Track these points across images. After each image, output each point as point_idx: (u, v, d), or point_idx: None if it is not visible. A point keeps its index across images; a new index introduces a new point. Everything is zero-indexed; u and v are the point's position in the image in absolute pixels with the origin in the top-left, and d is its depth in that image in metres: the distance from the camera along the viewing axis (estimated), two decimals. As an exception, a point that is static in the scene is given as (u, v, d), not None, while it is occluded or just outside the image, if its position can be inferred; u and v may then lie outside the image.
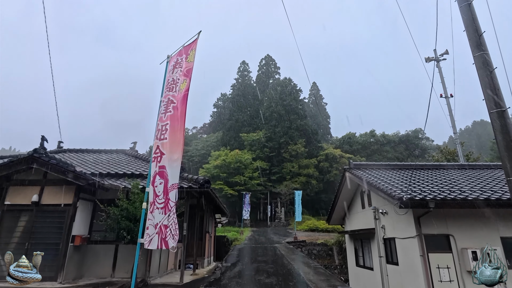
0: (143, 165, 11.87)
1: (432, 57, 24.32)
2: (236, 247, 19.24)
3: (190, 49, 5.46)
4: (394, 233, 9.48)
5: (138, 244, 4.65)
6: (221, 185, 40.88)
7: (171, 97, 5.11)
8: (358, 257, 13.01)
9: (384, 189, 8.60)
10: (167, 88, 5.27)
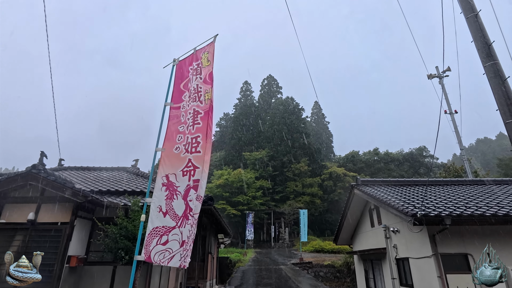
0: (144, 182, 11.55)
1: (435, 74, 24.34)
2: (239, 268, 18.48)
3: (203, 52, 5.20)
4: (407, 252, 8.97)
5: (134, 262, 4.23)
6: (224, 204, 40.18)
7: (196, 108, 4.81)
8: (368, 279, 12.34)
9: (396, 205, 8.19)
10: (191, 99, 4.96)
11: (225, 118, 76.57)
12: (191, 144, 4.58)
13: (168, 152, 4.70)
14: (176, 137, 4.80)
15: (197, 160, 4.39)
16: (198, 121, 4.71)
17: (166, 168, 4.60)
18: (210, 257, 14.11)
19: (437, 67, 24.72)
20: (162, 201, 4.33)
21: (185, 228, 4.03)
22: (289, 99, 61.81)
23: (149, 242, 4.13)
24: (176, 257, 3.93)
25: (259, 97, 70.10)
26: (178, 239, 4.00)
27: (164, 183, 4.46)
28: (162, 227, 4.14)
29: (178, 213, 4.15)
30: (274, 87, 72.63)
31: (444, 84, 24.27)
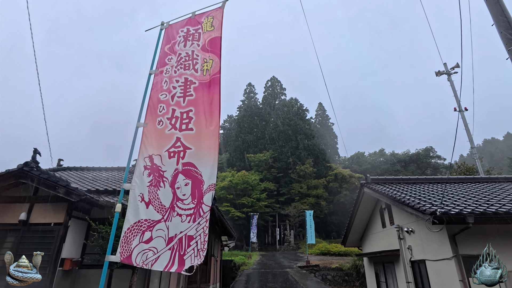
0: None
1: (443, 71, 23.67)
2: (244, 272, 17.87)
3: (205, 16, 4.48)
4: (423, 254, 8.35)
5: (105, 263, 3.50)
6: (228, 207, 39.67)
7: (190, 77, 4.12)
8: (380, 282, 11.70)
9: (411, 203, 7.60)
10: (181, 66, 4.25)
11: (229, 120, 76.33)
12: (181, 120, 3.87)
13: (150, 128, 3.97)
14: (157, 108, 4.07)
15: (189, 139, 3.71)
16: (190, 93, 4.02)
17: (149, 147, 3.85)
18: (213, 260, 13.57)
19: (445, 64, 24.05)
20: (145, 189, 3.63)
21: (171, 222, 3.37)
22: (293, 100, 61.34)
23: (130, 239, 3.44)
24: (162, 259, 3.24)
25: (262, 98, 69.74)
26: (163, 236, 3.32)
27: (147, 166, 3.74)
28: (144, 220, 3.46)
29: (165, 203, 3.47)
30: (278, 88, 72.16)
31: (453, 81, 23.58)
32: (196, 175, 3.56)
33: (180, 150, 3.70)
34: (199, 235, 3.29)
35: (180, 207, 3.45)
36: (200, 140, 3.71)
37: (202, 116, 3.83)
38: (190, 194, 3.49)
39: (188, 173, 3.58)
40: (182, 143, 3.73)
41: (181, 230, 3.31)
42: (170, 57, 4.43)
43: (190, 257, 3.19)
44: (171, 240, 3.30)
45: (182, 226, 3.34)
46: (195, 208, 3.40)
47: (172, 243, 3.29)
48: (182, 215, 3.40)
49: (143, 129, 3.95)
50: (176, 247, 3.26)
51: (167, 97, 4.11)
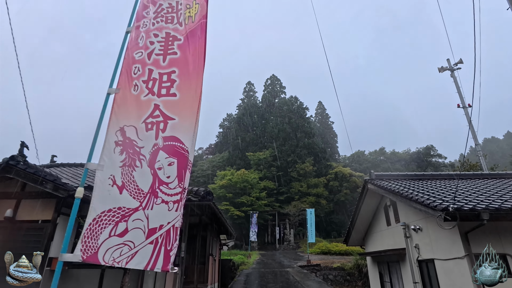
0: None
1: (446, 66, 23.25)
2: (243, 272, 17.44)
3: None
4: (432, 253, 7.92)
5: (58, 264, 2.91)
6: (227, 206, 39.28)
7: (172, 32, 3.48)
8: (384, 283, 11.27)
9: (420, 199, 7.16)
10: (161, 18, 3.59)
11: (228, 119, 75.87)
12: (159, 83, 3.20)
13: (123, 94, 3.22)
14: (131, 70, 3.35)
15: (171, 107, 3.07)
16: (173, 50, 3.37)
17: (121, 118, 3.11)
18: (211, 259, 13.13)
19: (449, 60, 23.59)
20: (117, 170, 2.96)
21: (153, 211, 2.78)
22: (293, 98, 60.89)
23: (96, 232, 2.81)
24: (141, 255, 2.66)
25: (262, 97, 69.30)
26: (142, 227, 2.73)
27: (119, 142, 3.03)
28: (118, 209, 2.84)
29: (143, 187, 2.86)
30: (278, 87, 71.67)
31: (456, 77, 23.13)
32: (181, 152, 2.97)
33: (160, 121, 3.04)
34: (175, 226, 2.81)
35: (165, 193, 2.86)
36: (185, 108, 3.09)
37: (188, 78, 3.21)
38: (176, 176, 2.90)
39: (171, 150, 2.96)
40: (162, 112, 3.08)
41: (169, 221, 2.78)
42: (148, 9, 3.77)
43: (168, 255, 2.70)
44: (153, 233, 2.74)
45: (169, 215, 2.79)
46: (182, 193, 2.85)
47: (154, 235, 2.73)
48: (168, 202, 2.83)
49: (114, 96, 3.26)
50: (162, 241, 2.72)
51: (142, 56, 3.42)
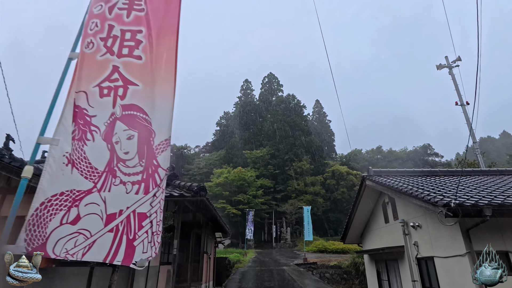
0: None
1: (444, 64, 23.10)
2: (238, 270, 17.17)
3: None
4: (432, 251, 7.71)
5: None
6: (224, 204, 39.03)
7: None
8: (381, 281, 11.08)
9: (420, 195, 6.94)
10: None
11: (226, 117, 75.45)
12: (121, 41, 2.74)
13: (82, 55, 2.73)
14: (88, 25, 2.81)
15: (134, 71, 2.63)
16: (141, 7, 2.91)
17: (77, 82, 2.66)
18: (206, 257, 12.87)
19: (447, 57, 23.46)
20: (68, 144, 2.55)
21: (111, 193, 2.40)
22: (290, 96, 60.64)
23: (44, 220, 2.43)
24: (98, 246, 2.28)
25: (259, 95, 69.02)
26: (99, 213, 2.34)
27: (69, 111, 2.61)
28: (70, 192, 2.44)
29: (96, 165, 2.44)
30: (275, 85, 71.35)
31: (454, 74, 22.99)
32: (144, 123, 2.55)
33: (119, 86, 2.58)
34: (154, 212, 2.41)
35: (123, 172, 2.45)
36: (152, 73, 2.66)
37: (157, 39, 2.78)
38: (136, 152, 2.51)
39: (131, 121, 2.53)
40: (122, 75, 2.63)
41: (128, 205, 2.39)
42: None
43: (142, 244, 2.32)
44: (112, 219, 2.35)
45: (128, 198, 2.42)
46: (145, 172, 2.46)
47: (113, 222, 2.34)
48: (126, 183, 2.44)
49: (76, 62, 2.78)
50: (123, 229, 2.33)
51: (102, 9, 2.90)
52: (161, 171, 2.53)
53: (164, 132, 2.61)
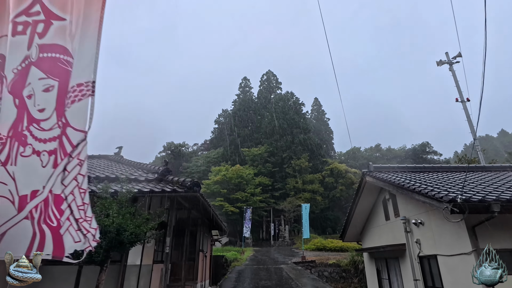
0: (123, 169, 9.99)
1: (444, 60, 22.79)
2: (235, 268, 16.86)
3: None
4: (435, 249, 7.42)
5: None
6: (221, 202, 38.69)
7: None
8: (381, 280, 10.80)
9: (424, 191, 6.64)
10: None
11: (224, 114, 74.98)
12: None
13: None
14: None
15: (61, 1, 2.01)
16: None
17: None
18: (201, 255, 12.57)
19: (447, 53, 23.11)
20: None
21: (19, 167, 1.78)
22: (289, 94, 60.25)
23: None
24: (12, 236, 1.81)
25: (258, 92, 68.56)
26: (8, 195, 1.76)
27: None
28: None
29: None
30: (274, 82, 70.91)
31: (454, 71, 22.70)
32: (66, 68, 1.93)
33: (39, 21, 1.93)
34: (70, 193, 1.86)
35: (36, 137, 1.82)
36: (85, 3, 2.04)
37: None
38: (54, 108, 1.89)
39: (51, 67, 1.91)
40: (46, 8, 1.96)
41: (44, 184, 1.82)
42: None
43: (69, 232, 1.82)
44: (24, 202, 1.77)
45: (43, 175, 1.84)
46: (61, 137, 1.87)
47: (27, 207, 1.78)
48: (41, 152, 1.84)
49: None
50: (40, 216, 1.81)
51: None
52: (72, 133, 1.87)
53: (83, 74, 1.95)
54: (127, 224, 5.91)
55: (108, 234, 5.86)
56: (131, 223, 6.02)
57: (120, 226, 5.88)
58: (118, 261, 7.35)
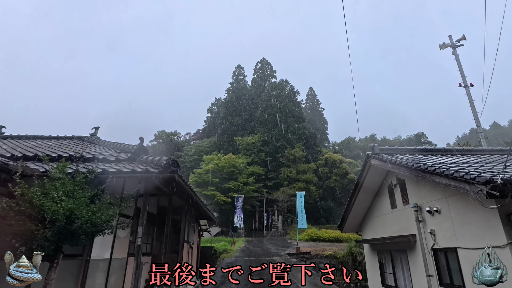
0: (94, 149, 8.68)
1: (448, 43, 21.60)
2: (224, 261, 15.73)
3: None
4: (455, 241, 6.35)
5: None
6: (213, 191, 37.58)
7: None
8: (385, 274, 9.81)
9: (448, 172, 5.50)
10: None
11: (217, 103, 73.43)
12: None
13: None
14: None
15: None
16: None
17: None
18: (187, 247, 11.41)
19: (450, 36, 21.90)
20: None
21: None
22: (284, 82, 58.82)
23: None
24: None
25: (252, 81, 67.02)
26: None
27: None
28: None
29: None
30: (268, 71, 69.21)
31: (458, 54, 21.54)
32: None
33: None
34: None
35: None
36: None
37: None
38: None
39: None
40: None
41: None
42: None
43: None
44: None
45: None
46: None
47: None
48: None
49: None
50: None
51: None
52: None
53: None
54: (80, 210, 4.67)
55: (56, 223, 4.62)
56: (87, 209, 4.77)
57: (72, 213, 4.64)
58: (79, 255, 6.12)
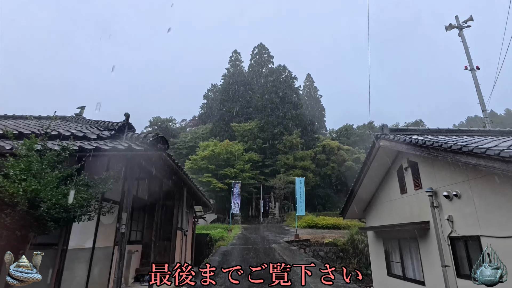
0: (73, 127, 7.84)
1: (454, 24, 20.62)
2: (220, 249, 15.14)
3: None
4: (477, 228, 5.69)
5: None
6: (209, 178, 36.94)
7: None
8: (390, 263, 9.24)
9: (479, 149, 4.78)
10: None
11: (213, 89, 72.15)
12: None
13: None
14: None
15: None
16: None
17: None
18: (180, 234, 10.74)
19: (457, 17, 20.86)
20: None
21: None
22: (281, 67, 57.45)
23: None
24: None
25: (249, 66, 65.69)
26: None
27: None
28: None
29: None
30: (265, 56, 67.75)
31: (464, 36, 20.62)
32: None
33: None
34: None
35: None
36: None
37: None
38: None
39: None
40: None
41: None
42: None
43: None
44: None
45: None
46: None
47: None
48: None
49: None
50: None
51: None
52: None
53: None
54: (46, 192, 3.89)
55: (16, 207, 3.86)
56: (56, 191, 4.00)
57: (36, 195, 3.87)
58: (53, 244, 5.38)
